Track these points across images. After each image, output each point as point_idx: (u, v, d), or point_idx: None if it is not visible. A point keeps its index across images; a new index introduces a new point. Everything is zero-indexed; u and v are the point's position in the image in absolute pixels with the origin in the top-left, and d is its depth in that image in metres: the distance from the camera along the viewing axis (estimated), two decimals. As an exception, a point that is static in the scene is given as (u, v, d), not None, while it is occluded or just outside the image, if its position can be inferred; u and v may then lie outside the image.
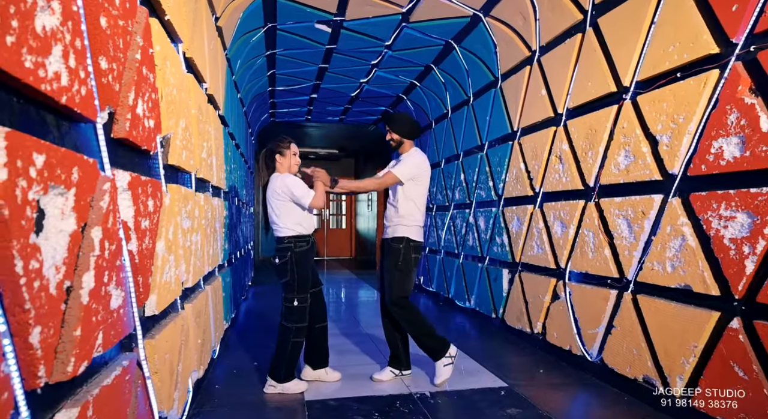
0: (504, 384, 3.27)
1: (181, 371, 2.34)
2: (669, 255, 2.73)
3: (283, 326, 3.09)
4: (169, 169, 2.24)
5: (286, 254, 3.01)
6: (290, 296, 3.04)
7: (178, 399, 2.31)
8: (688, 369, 2.58)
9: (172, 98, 2.14)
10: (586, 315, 3.46)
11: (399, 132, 3.32)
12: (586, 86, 3.53)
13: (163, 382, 1.98)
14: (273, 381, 3.09)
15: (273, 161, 3.07)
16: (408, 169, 3.25)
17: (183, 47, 2.48)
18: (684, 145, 2.65)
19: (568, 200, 3.73)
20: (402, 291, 3.26)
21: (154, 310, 1.87)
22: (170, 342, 2.10)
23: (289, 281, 3.02)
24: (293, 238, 3.02)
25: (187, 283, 2.57)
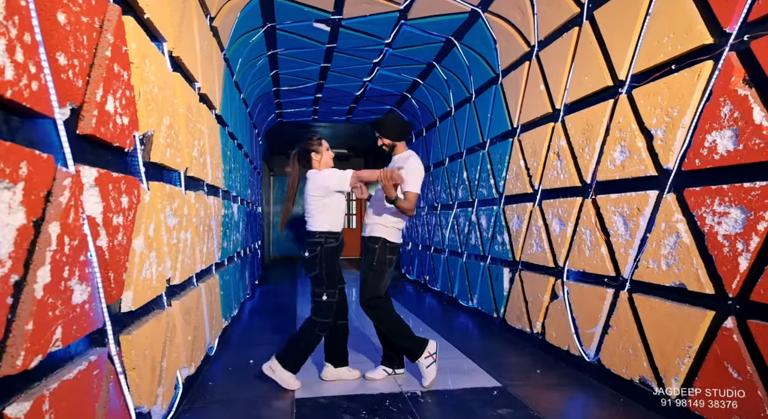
0: (498, 384, 3.22)
1: (165, 367, 2.35)
2: (664, 253, 2.66)
3: (311, 320, 3.10)
4: (152, 167, 2.24)
5: (316, 248, 3.05)
6: (319, 290, 3.06)
7: (163, 395, 2.32)
8: (683, 369, 2.51)
9: (152, 96, 2.15)
10: (584, 314, 3.40)
11: (389, 136, 3.27)
12: (582, 81, 3.47)
13: (142, 378, 1.98)
14: (276, 363, 3.09)
15: (308, 159, 3.14)
16: (419, 179, 3.16)
17: (168, 46, 2.49)
18: (678, 139, 2.58)
19: (566, 198, 3.67)
20: (374, 291, 3.18)
21: (131, 306, 1.88)
22: (151, 338, 2.11)
23: (317, 275, 3.05)
24: (324, 233, 3.06)
25: (174, 280, 2.58)
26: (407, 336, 3.21)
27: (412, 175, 3.12)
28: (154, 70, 2.17)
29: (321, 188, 3.05)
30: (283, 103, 7.95)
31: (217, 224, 3.93)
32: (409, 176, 3.09)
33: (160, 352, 2.25)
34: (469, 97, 5.76)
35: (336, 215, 3.11)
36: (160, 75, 2.28)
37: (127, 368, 1.88)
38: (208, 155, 3.50)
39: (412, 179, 3.11)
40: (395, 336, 3.20)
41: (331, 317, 3.10)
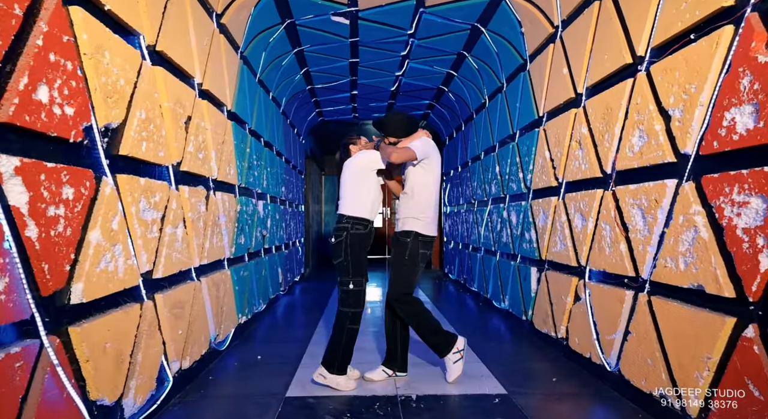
0: (503, 392, 2.98)
1: (141, 360, 2.35)
2: (682, 250, 2.33)
3: (339, 311, 3.01)
4: (122, 160, 2.24)
5: (342, 234, 2.97)
6: (345, 279, 2.97)
7: (137, 388, 2.31)
8: (702, 384, 2.18)
9: (117, 89, 2.14)
10: (604, 318, 3.08)
11: (395, 133, 3.16)
12: (603, 60, 3.14)
13: (99, 370, 1.98)
14: (324, 371, 2.99)
15: (347, 152, 3.21)
16: (420, 144, 3.04)
17: (147, 40, 2.49)
18: (696, 119, 2.24)
19: (587, 190, 3.35)
20: (406, 287, 3.10)
21: (81, 298, 1.87)
22: (115, 331, 2.10)
23: (342, 262, 2.97)
24: (351, 218, 2.99)
25: (156, 274, 2.58)
26: (436, 331, 3.12)
27: (418, 142, 3.07)
28: (119, 62, 2.16)
29: (360, 166, 3.06)
30: (321, 101, 7.97)
31: (229, 220, 3.94)
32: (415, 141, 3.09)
33: (129, 345, 2.25)
34: (500, 86, 5.46)
35: (368, 200, 3.03)
36: (130, 68, 2.27)
37: (80, 360, 1.88)
38: (212, 151, 3.51)
39: (416, 143, 3.05)
40: (424, 331, 3.11)
41: (361, 306, 3.00)
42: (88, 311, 1.97)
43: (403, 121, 3.21)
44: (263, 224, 5.34)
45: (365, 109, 8.56)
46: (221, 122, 3.75)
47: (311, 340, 4.25)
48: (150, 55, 2.52)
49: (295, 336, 4.41)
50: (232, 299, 4.04)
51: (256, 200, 5.05)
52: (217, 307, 3.57)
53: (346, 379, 3.00)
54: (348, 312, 2.98)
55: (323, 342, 4.14)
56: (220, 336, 3.71)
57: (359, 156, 3.13)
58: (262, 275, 5.22)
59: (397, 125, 3.18)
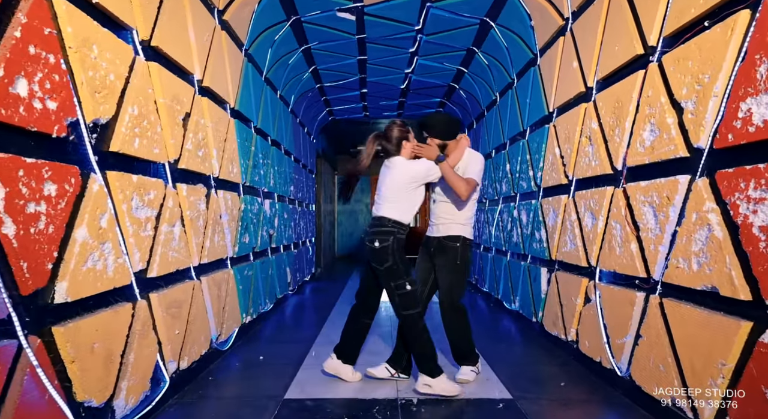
0: (508, 397, 2.87)
1: (133, 360, 2.30)
2: (695, 250, 2.20)
3: (404, 317, 2.89)
4: (113, 156, 2.20)
5: (389, 238, 2.85)
6: (400, 281, 2.85)
7: (128, 389, 2.27)
8: (716, 393, 2.05)
9: (106, 84, 2.10)
10: (615, 321, 2.96)
11: (439, 135, 3.05)
12: (613, 52, 3.02)
13: (86, 371, 1.93)
14: (427, 379, 2.84)
15: (399, 146, 2.96)
16: (479, 170, 3.06)
17: (141, 35, 2.44)
18: (710, 111, 2.12)
19: (597, 187, 3.22)
20: (460, 292, 3.12)
21: (66, 297, 1.82)
22: (104, 331, 2.06)
23: (392, 266, 2.84)
24: (396, 224, 2.89)
25: (150, 273, 2.53)
26: (470, 347, 3.19)
27: (473, 163, 3.06)
28: (108, 57, 2.12)
29: (415, 178, 2.91)
30: (331, 100, 7.92)
31: (232, 218, 3.90)
32: (470, 163, 3.07)
33: (120, 345, 2.20)
34: (510, 82, 5.34)
35: (415, 208, 2.97)
36: (121, 63, 2.23)
37: (65, 361, 1.83)
38: (213, 149, 3.46)
39: (475, 167, 3.04)
40: (460, 343, 3.16)
41: (419, 306, 2.90)
42: (75, 310, 1.92)
43: (449, 122, 3.13)
44: (270, 224, 5.30)
45: (376, 107, 8.49)
46: (223, 119, 3.70)
47: (316, 340, 4.19)
48: (144, 51, 2.48)
49: (300, 337, 4.36)
50: (236, 298, 4.00)
51: (262, 198, 5.00)
52: (218, 306, 3.53)
53: (446, 380, 2.87)
54: (414, 314, 2.87)
55: (327, 343, 4.10)
56: (222, 336, 3.66)
57: (419, 164, 2.93)
58: (268, 275, 5.18)
59: (443, 128, 3.07)
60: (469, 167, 3.06)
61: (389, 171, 2.96)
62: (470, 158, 3.10)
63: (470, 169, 3.04)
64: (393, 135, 2.95)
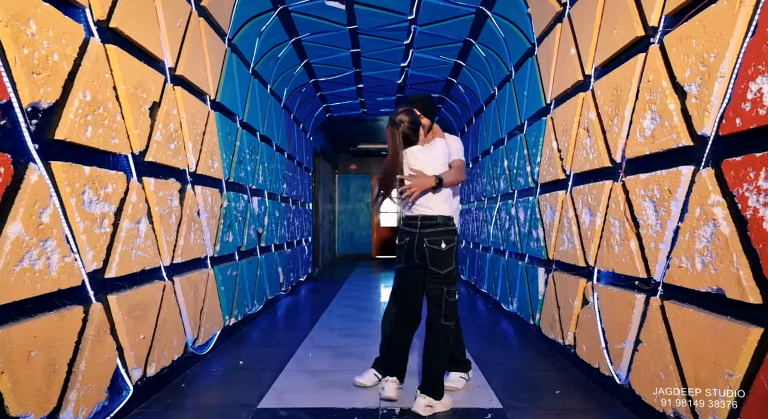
0: (498, 406, 2.67)
1: (85, 369, 2.12)
2: (698, 247, 1.99)
3: (444, 327, 2.57)
4: (59, 145, 2.02)
5: (454, 238, 2.58)
6: (453, 288, 2.59)
7: (78, 401, 2.09)
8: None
9: (48, 64, 1.92)
10: (613, 325, 2.74)
11: (423, 111, 2.79)
12: (612, 36, 2.80)
13: (20, 383, 1.75)
14: (431, 400, 2.51)
15: (417, 133, 2.65)
16: (461, 149, 2.94)
17: (96, 14, 2.26)
18: (716, 93, 1.90)
19: (595, 182, 3.01)
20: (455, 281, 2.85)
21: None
22: (44, 337, 1.87)
23: (453, 270, 2.58)
24: (452, 220, 2.63)
25: (109, 273, 2.35)
26: (462, 348, 3.01)
27: (455, 144, 2.90)
28: (51, 35, 1.93)
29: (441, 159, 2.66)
30: (327, 96, 7.73)
31: (212, 216, 3.72)
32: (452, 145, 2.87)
33: (68, 352, 2.02)
34: (508, 75, 5.12)
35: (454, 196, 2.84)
36: (68, 43, 2.04)
37: (-7, 370, 1.65)
38: (189, 142, 3.28)
39: (457, 148, 2.88)
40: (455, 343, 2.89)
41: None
42: (6, 315, 1.74)
43: (431, 101, 2.91)
44: (258, 222, 5.12)
45: (373, 104, 8.29)
46: (201, 111, 3.52)
47: (302, 343, 4.01)
48: (100, 32, 2.29)
49: (286, 339, 4.17)
50: (217, 300, 3.81)
51: (250, 196, 4.82)
52: (195, 308, 3.34)
53: (447, 395, 2.64)
54: (451, 327, 2.59)
55: (313, 346, 3.91)
56: (200, 340, 3.48)
57: (441, 146, 2.70)
58: (256, 275, 5.00)
59: (426, 104, 2.83)
60: (452, 148, 2.86)
61: (418, 162, 2.63)
62: (450, 141, 2.90)
63: (454, 150, 2.86)
64: (413, 122, 2.63)
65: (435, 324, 2.58)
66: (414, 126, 2.62)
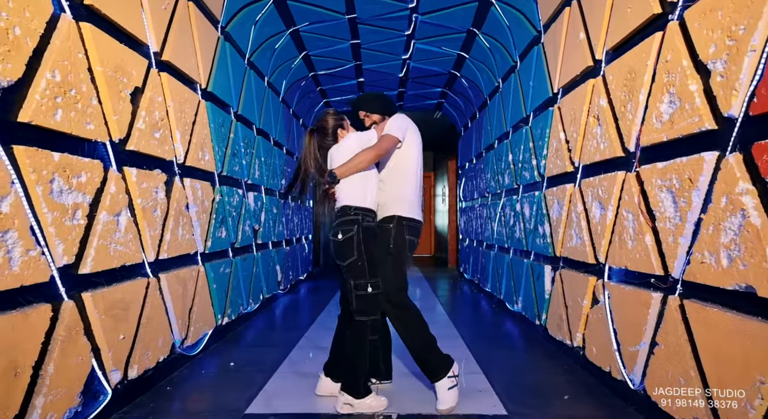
0: (502, 413, 2.49)
1: (53, 372, 1.95)
2: (724, 241, 1.80)
3: (357, 322, 2.48)
4: (23, 128, 1.85)
5: (352, 227, 2.47)
6: (361, 281, 2.45)
7: (47, 406, 1.92)
8: (754, 416, 1.65)
9: (7, 39, 1.75)
10: (627, 326, 2.56)
11: (376, 110, 2.80)
12: (625, 16, 2.61)
13: (-25, 387, 1.59)
14: (349, 398, 2.46)
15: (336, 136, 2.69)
16: (397, 124, 2.64)
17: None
18: (745, 70, 1.72)
19: (606, 173, 2.82)
20: (397, 281, 2.57)
21: (-58, 297, 1.48)
22: (9, 339, 1.71)
23: (356, 261, 2.45)
24: (360, 210, 2.51)
25: (83, 268, 2.18)
26: (434, 349, 2.59)
27: (391, 122, 2.66)
28: (11, 7, 1.77)
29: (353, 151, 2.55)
30: (327, 90, 7.56)
31: (203, 210, 3.55)
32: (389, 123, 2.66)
33: (33, 354, 1.86)
34: (513, 65, 4.93)
35: (373, 188, 2.60)
36: (32, 16, 1.88)
37: (-58, 374, 1.49)
38: (176, 132, 3.12)
39: (390, 124, 2.64)
40: (419, 345, 2.57)
41: (378, 313, 2.51)
42: (-41, 312, 1.57)
43: (381, 98, 2.84)
44: (255, 218, 4.95)
45: (374, 98, 8.10)
46: (191, 100, 3.35)
47: (297, 344, 3.84)
48: (72, 9, 2.13)
49: (281, 339, 4.00)
50: (208, 298, 3.65)
51: (245, 191, 4.66)
52: (183, 307, 3.18)
53: (375, 397, 2.51)
54: (367, 322, 2.46)
55: (310, 347, 3.74)
56: (189, 340, 3.31)
57: (350, 140, 2.63)
58: (252, 273, 4.83)
59: (377, 102, 2.81)
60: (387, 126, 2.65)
61: (332, 162, 2.63)
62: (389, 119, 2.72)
63: (387, 128, 2.64)
64: (328, 126, 2.68)
65: (352, 319, 2.52)
66: (332, 131, 2.68)
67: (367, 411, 2.44)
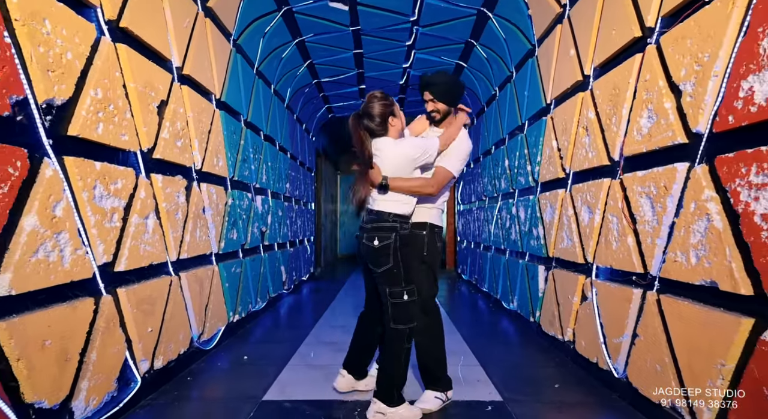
0: (498, 399, 2.72)
1: (95, 359, 2.18)
2: (693, 242, 2.04)
3: (392, 331, 2.41)
4: (72, 141, 2.08)
5: (390, 235, 2.37)
6: (396, 289, 2.38)
7: (90, 390, 2.14)
8: (716, 395, 1.89)
9: (62, 62, 1.98)
10: (611, 319, 2.80)
11: (445, 99, 2.57)
12: (610, 36, 2.86)
13: (35, 370, 1.81)
14: (382, 406, 2.41)
15: (385, 125, 2.43)
16: (461, 159, 2.56)
17: (107, 14, 2.33)
18: (709, 92, 1.96)
19: (594, 180, 3.06)
20: (432, 290, 2.64)
21: (10, 290, 1.70)
22: (57, 327, 1.93)
23: (392, 268, 2.37)
24: (398, 217, 2.41)
25: (118, 266, 2.41)
26: (443, 365, 2.67)
27: (454, 154, 2.55)
28: (65, 34, 2.00)
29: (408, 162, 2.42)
30: (330, 96, 7.80)
31: (217, 213, 3.78)
32: (448, 153, 2.55)
33: (80, 342, 2.08)
34: (509, 75, 5.18)
35: (414, 199, 2.49)
36: (81, 41, 2.11)
37: (9, 358, 1.71)
38: (195, 140, 3.35)
39: (452, 159, 2.53)
40: (432, 356, 2.65)
41: (414, 321, 2.44)
42: (22, 304, 1.80)
43: (454, 84, 2.62)
44: (262, 221, 5.18)
45: (375, 104, 8.34)
46: (207, 110, 3.58)
47: (304, 340, 4.06)
48: (111, 31, 2.36)
49: (289, 336, 4.23)
50: (221, 296, 3.88)
51: (253, 194, 4.88)
52: (200, 304, 3.40)
53: (408, 407, 2.47)
54: (404, 330, 2.40)
55: (316, 343, 3.97)
56: (206, 335, 3.54)
57: (411, 146, 2.44)
58: (260, 273, 5.06)
59: (446, 88, 2.57)
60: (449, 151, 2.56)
61: (378, 158, 2.44)
62: (455, 142, 2.58)
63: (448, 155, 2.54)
64: (375, 112, 2.40)
65: (386, 327, 2.47)
66: (380, 119, 2.41)
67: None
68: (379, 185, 2.41)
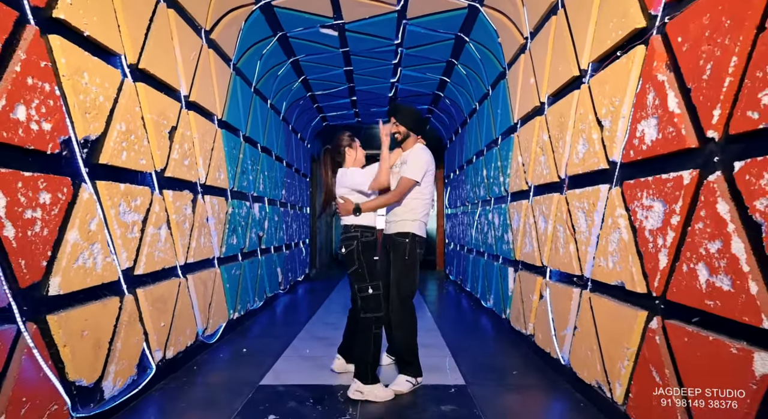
0: (461, 383, 3.18)
1: (120, 348, 2.63)
2: (610, 250, 2.50)
3: (362, 319, 2.97)
4: (102, 168, 2.53)
5: (353, 242, 2.98)
6: (362, 284, 2.96)
7: (116, 373, 2.60)
8: (624, 373, 2.36)
9: (96, 105, 2.43)
10: (559, 315, 3.26)
11: (405, 123, 3.16)
12: (558, 72, 3.33)
13: (76, 354, 2.26)
14: (360, 385, 2.91)
15: (341, 156, 3.13)
16: (419, 167, 3.05)
17: (129, 59, 2.78)
18: (620, 129, 2.42)
19: (548, 194, 3.53)
20: (412, 286, 3.12)
21: (59, 290, 2.15)
22: (92, 320, 2.38)
23: (357, 269, 2.96)
24: (359, 227, 2.99)
25: (137, 270, 2.86)
26: (415, 352, 3.13)
27: (412, 162, 3.05)
28: (98, 81, 2.45)
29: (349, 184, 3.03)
30: (323, 107, 8.25)
31: (219, 221, 4.23)
32: (407, 163, 3.08)
33: (108, 333, 2.53)
34: (486, 92, 5.65)
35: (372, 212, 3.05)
36: (110, 86, 2.56)
37: (58, 345, 2.16)
38: (200, 158, 3.80)
39: (411, 166, 3.04)
40: (406, 344, 3.10)
41: (381, 311, 2.98)
42: (67, 302, 2.25)
43: (418, 116, 3.19)
44: (259, 226, 5.63)
45: (367, 113, 8.81)
46: (210, 130, 4.04)
47: (298, 335, 4.51)
48: (132, 73, 2.81)
49: (283, 332, 4.68)
50: (223, 295, 4.33)
51: (251, 202, 5.34)
52: (204, 303, 3.86)
53: (382, 388, 2.94)
54: (371, 317, 2.94)
55: (309, 338, 4.42)
56: (209, 330, 3.99)
57: (355, 175, 3.04)
58: (257, 274, 5.51)
59: (412, 117, 3.16)
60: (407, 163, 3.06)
61: (341, 179, 3.08)
62: (412, 155, 3.10)
63: (406, 167, 3.05)
64: (341, 145, 3.12)
65: (358, 316, 3.01)
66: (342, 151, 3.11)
67: (373, 400, 2.87)
68: (354, 210, 2.99)
